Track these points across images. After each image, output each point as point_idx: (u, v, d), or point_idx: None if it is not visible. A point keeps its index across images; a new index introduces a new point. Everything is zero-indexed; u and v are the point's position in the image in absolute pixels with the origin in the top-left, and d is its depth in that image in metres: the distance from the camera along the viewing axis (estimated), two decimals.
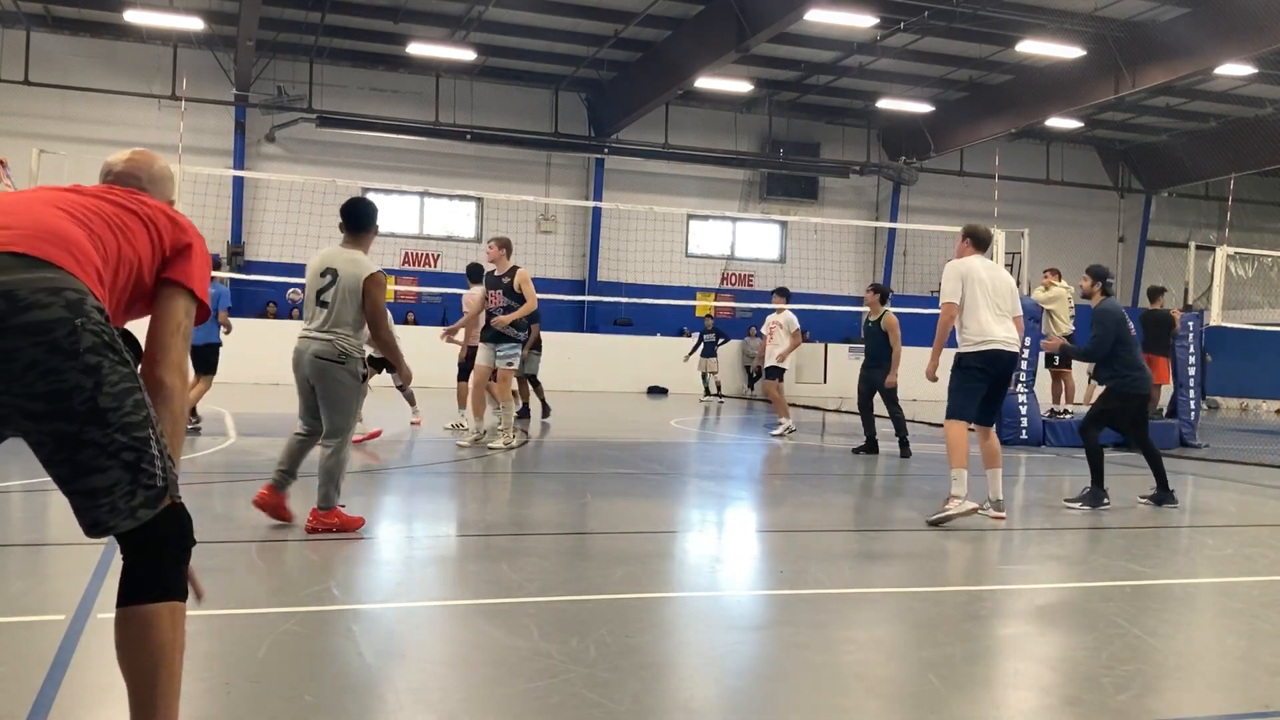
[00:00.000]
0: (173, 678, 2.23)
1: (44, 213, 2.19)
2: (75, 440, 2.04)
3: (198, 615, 3.96)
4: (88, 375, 2.02)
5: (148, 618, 2.19)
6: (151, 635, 2.19)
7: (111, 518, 2.11)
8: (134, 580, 2.20)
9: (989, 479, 6.99)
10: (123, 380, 2.08)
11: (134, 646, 2.19)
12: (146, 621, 2.18)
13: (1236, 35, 18.57)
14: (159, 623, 2.19)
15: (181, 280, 2.40)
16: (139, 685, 2.21)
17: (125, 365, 2.10)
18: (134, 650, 2.20)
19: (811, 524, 7.06)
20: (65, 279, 2.06)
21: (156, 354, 2.34)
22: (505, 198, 19.84)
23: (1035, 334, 13.35)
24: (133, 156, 2.68)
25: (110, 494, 2.08)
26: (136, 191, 2.53)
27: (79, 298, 2.05)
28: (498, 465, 9.47)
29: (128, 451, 2.08)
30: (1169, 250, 30.81)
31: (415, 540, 5.96)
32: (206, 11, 21.11)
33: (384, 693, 3.23)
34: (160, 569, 2.21)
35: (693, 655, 3.80)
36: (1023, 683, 3.63)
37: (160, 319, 2.38)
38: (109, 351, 2.06)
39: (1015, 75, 24.07)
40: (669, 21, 21.52)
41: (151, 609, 2.19)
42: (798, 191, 28.31)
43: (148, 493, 2.12)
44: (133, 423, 2.09)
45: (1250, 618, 4.55)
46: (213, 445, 9.79)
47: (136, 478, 2.10)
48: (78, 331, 2.01)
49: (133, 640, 2.19)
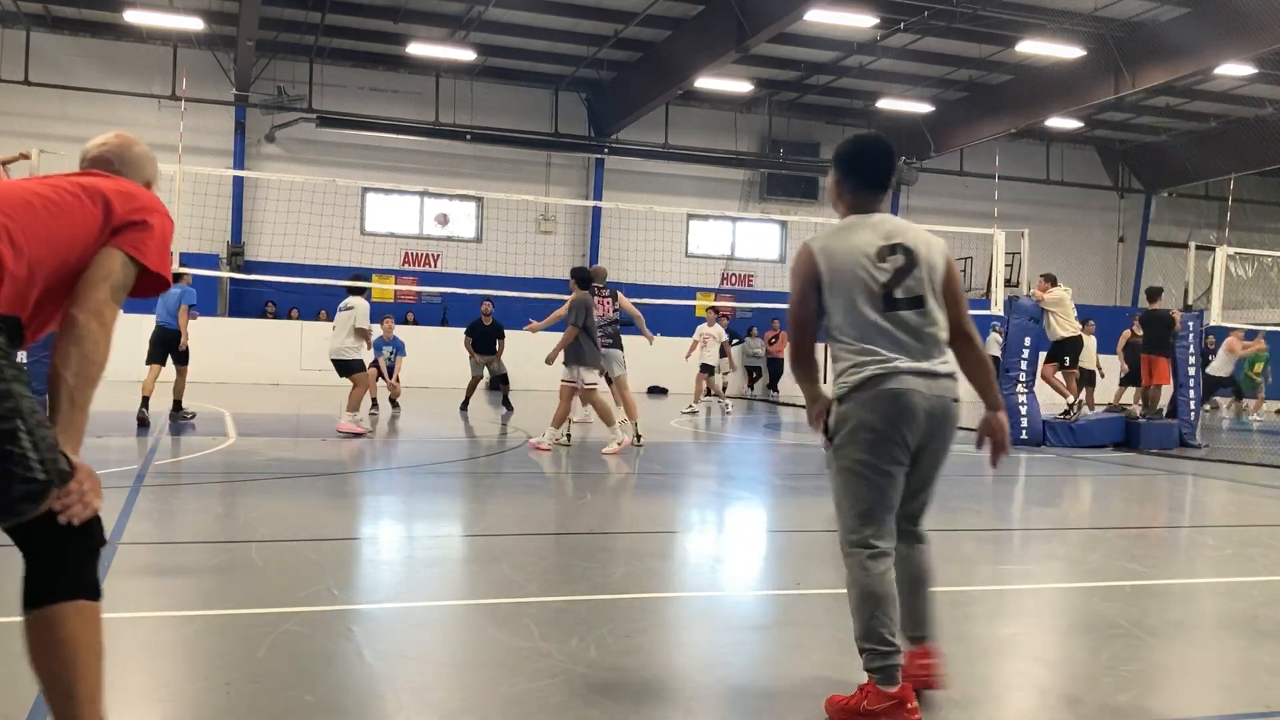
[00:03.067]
0: (86, 681, 2.14)
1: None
2: None
3: (198, 615, 3.97)
4: None
5: (54, 619, 2.10)
6: (61, 637, 2.10)
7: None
8: (37, 580, 2.11)
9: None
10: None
11: (45, 651, 2.11)
12: (54, 623, 2.10)
13: (1236, 35, 18.57)
14: (67, 624, 2.10)
15: (121, 245, 2.32)
16: (55, 690, 2.13)
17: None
18: (45, 654, 2.11)
19: (811, 524, 7.05)
20: None
21: (76, 294, 2.25)
22: (505, 197, 19.84)
23: (1035, 334, 13.37)
24: (106, 140, 2.64)
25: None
26: (101, 173, 2.47)
27: None
28: (497, 465, 9.47)
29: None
30: (1169, 250, 30.80)
31: (415, 540, 5.97)
32: (206, 11, 21.11)
33: (384, 693, 3.23)
34: (64, 567, 2.12)
35: (693, 655, 3.80)
36: (1023, 683, 3.63)
37: (90, 268, 2.29)
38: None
39: (1015, 75, 24.06)
40: (669, 21, 21.52)
41: (58, 610, 2.10)
42: (798, 191, 28.31)
43: (26, 486, 2.00)
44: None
45: (1250, 618, 4.55)
46: (213, 445, 9.78)
47: (8, 471, 1.98)
48: None
49: (43, 644, 2.11)
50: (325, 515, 6.61)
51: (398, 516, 6.77)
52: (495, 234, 25.14)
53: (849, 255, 3.14)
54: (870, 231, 3.19)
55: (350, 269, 17.79)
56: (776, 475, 9.84)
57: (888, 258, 3.13)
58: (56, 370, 2.18)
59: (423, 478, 8.40)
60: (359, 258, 22.55)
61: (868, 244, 3.15)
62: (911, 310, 3.13)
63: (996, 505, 8.35)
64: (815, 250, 3.19)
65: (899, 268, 3.13)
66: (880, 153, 3.32)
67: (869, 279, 3.11)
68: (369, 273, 20.69)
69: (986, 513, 7.74)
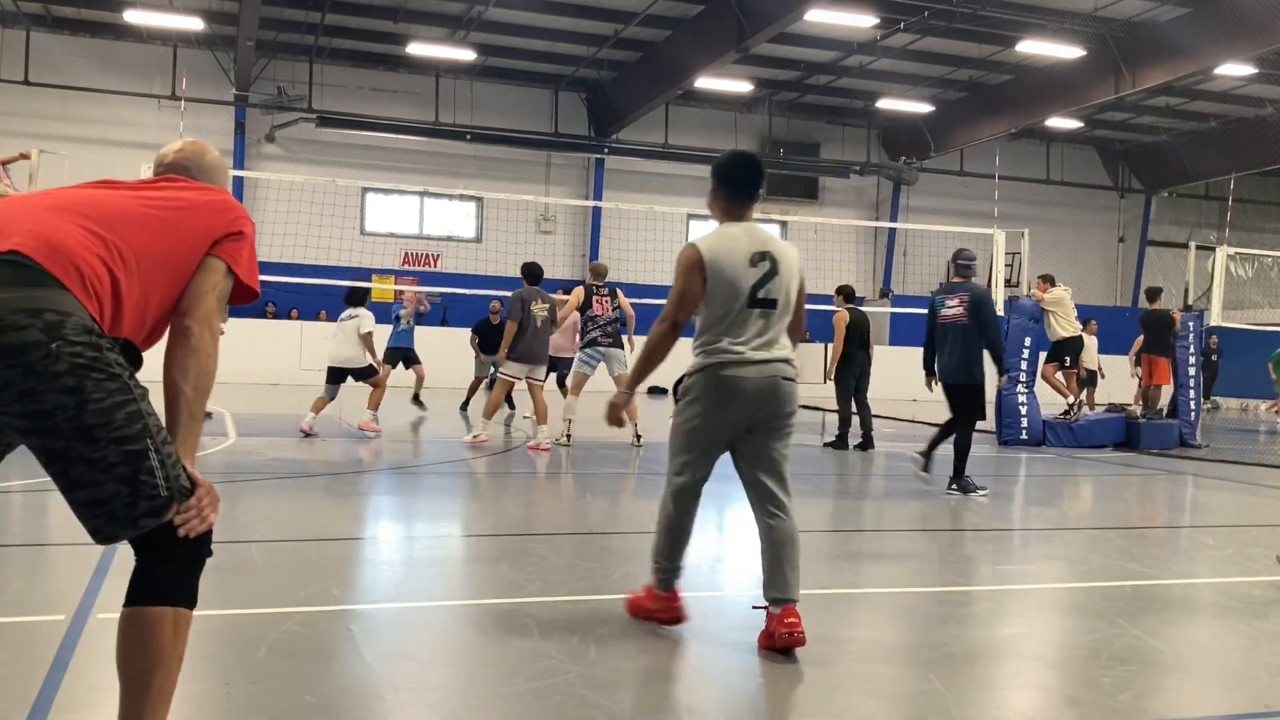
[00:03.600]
0: (166, 684, 2.23)
1: (46, 221, 2.14)
2: (65, 456, 2.02)
3: (198, 615, 3.95)
4: (68, 395, 1.98)
5: (151, 620, 2.18)
6: (152, 638, 2.18)
7: (110, 527, 2.09)
8: (142, 583, 2.20)
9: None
10: (110, 395, 2.03)
11: (134, 648, 2.19)
12: (150, 624, 2.18)
13: (1236, 35, 18.57)
14: (162, 627, 2.19)
15: (220, 255, 2.35)
16: (132, 687, 2.21)
17: (114, 380, 2.05)
18: (133, 651, 2.20)
19: (811, 524, 7.05)
20: (51, 297, 2.01)
21: (186, 306, 2.29)
22: (505, 197, 19.83)
23: (1035, 334, 13.36)
24: (183, 147, 2.65)
25: (108, 505, 2.06)
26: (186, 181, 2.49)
27: (59, 319, 1.99)
28: (497, 465, 9.47)
29: (123, 466, 2.05)
30: (1169, 250, 30.80)
31: (415, 540, 5.97)
32: (206, 11, 21.11)
33: (384, 693, 3.23)
34: (170, 575, 2.20)
35: (693, 655, 3.80)
36: (1023, 683, 3.63)
37: (195, 278, 2.32)
38: (90, 371, 2.00)
39: (1015, 75, 24.06)
40: (669, 21, 21.52)
41: (156, 612, 2.19)
42: (798, 191, 28.30)
43: (151, 503, 2.09)
44: (126, 436, 2.05)
45: (1250, 618, 4.55)
46: (213, 445, 9.78)
47: (136, 490, 2.07)
48: (52, 355, 1.97)
49: (133, 641, 2.19)
50: (325, 515, 6.62)
51: (398, 516, 6.77)
52: (495, 234, 25.13)
53: (730, 258, 3.81)
54: (747, 239, 3.86)
55: (350, 269, 17.80)
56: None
57: (758, 263, 3.82)
58: (175, 383, 2.24)
59: (423, 478, 8.39)
60: (359, 258, 22.54)
61: (744, 250, 3.82)
62: (767, 308, 3.82)
63: (996, 505, 8.35)
64: (703, 250, 3.83)
65: (765, 273, 3.81)
66: (750, 166, 4.02)
67: (741, 280, 3.78)
68: (369, 273, 20.69)
69: (986, 513, 7.74)
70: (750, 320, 3.79)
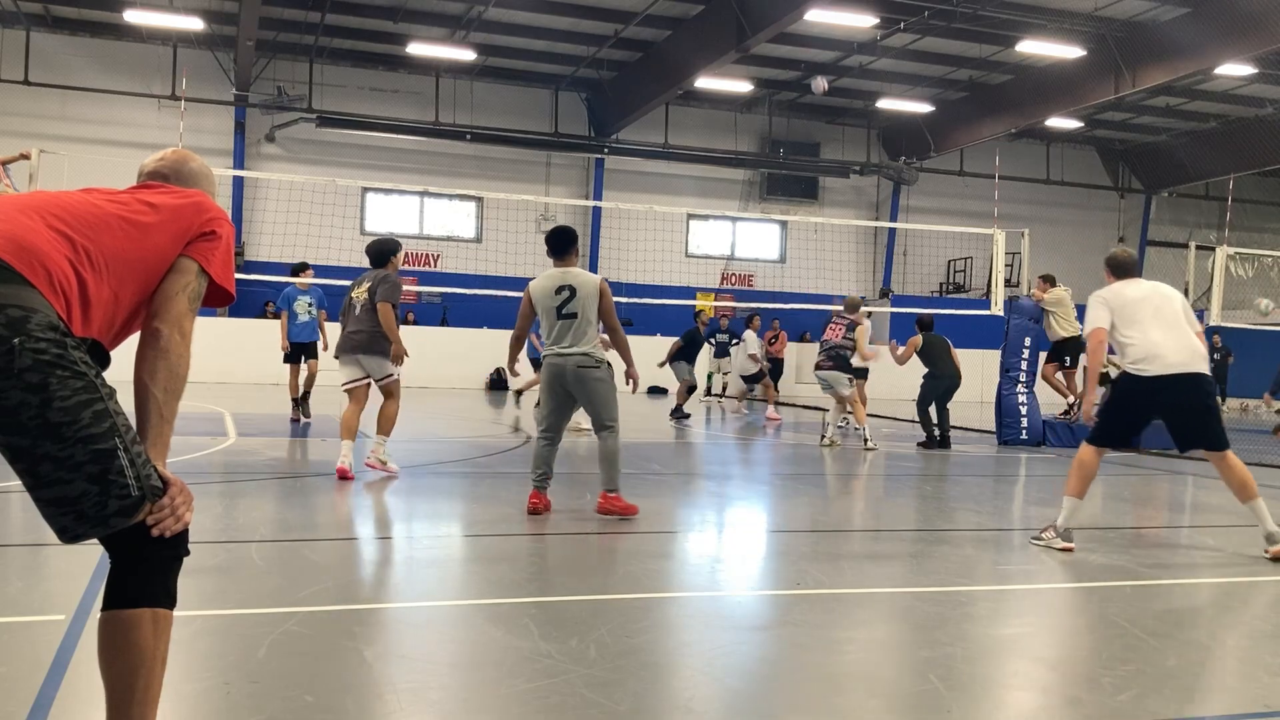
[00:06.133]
0: (151, 686, 2.21)
1: (14, 221, 2.12)
2: (31, 454, 2.00)
3: (198, 615, 3.96)
4: (32, 393, 1.96)
5: (130, 623, 2.17)
6: (132, 641, 2.17)
7: (79, 525, 2.07)
8: (118, 585, 2.18)
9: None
10: (76, 394, 2.01)
11: (114, 651, 2.19)
12: (128, 626, 2.17)
13: (1236, 35, 18.57)
14: (141, 628, 2.17)
15: (193, 255, 2.35)
16: (117, 690, 2.20)
17: (79, 379, 2.02)
18: (114, 655, 2.19)
19: (811, 524, 7.06)
20: (16, 294, 1.99)
21: (156, 307, 2.29)
22: (505, 197, 19.84)
23: (1035, 334, 13.36)
24: (164, 155, 2.64)
25: (76, 504, 2.04)
26: (164, 186, 2.48)
27: (22, 315, 1.97)
28: (497, 465, 9.47)
29: (91, 465, 2.03)
30: (1169, 250, 30.79)
31: (415, 540, 5.96)
32: (206, 11, 21.11)
33: (384, 693, 3.23)
34: (147, 576, 2.19)
35: (693, 655, 3.80)
36: (1023, 683, 3.63)
37: (166, 279, 2.32)
38: (54, 369, 1.99)
39: (1015, 75, 24.07)
40: (669, 21, 21.52)
41: (134, 614, 2.17)
42: (798, 191, 28.31)
43: (121, 502, 2.07)
44: (93, 434, 2.03)
45: (1250, 618, 4.55)
46: (213, 445, 9.78)
47: (106, 489, 2.05)
48: (14, 351, 1.95)
49: (113, 645, 2.18)
50: (325, 515, 6.62)
51: (398, 516, 6.77)
52: (495, 234, 25.14)
53: (543, 292, 6.57)
54: (551, 280, 6.56)
55: (351, 269, 17.77)
56: (776, 475, 9.83)
57: (561, 292, 6.51)
58: (145, 385, 2.22)
59: (423, 478, 8.39)
60: (359, 258, 22.45)
61: (550, 285, 6.55)
62: (569, 319, 6.48)
63: (996, 505, 8.36)
64: (531, 288, 6.63)
65: (565, 298, 6.48)
66: (560, 236, 6.73)
67: (550, 302, 6.52)
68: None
69: (986, 513, 7.74)
70: (560, 328, 6.51)
